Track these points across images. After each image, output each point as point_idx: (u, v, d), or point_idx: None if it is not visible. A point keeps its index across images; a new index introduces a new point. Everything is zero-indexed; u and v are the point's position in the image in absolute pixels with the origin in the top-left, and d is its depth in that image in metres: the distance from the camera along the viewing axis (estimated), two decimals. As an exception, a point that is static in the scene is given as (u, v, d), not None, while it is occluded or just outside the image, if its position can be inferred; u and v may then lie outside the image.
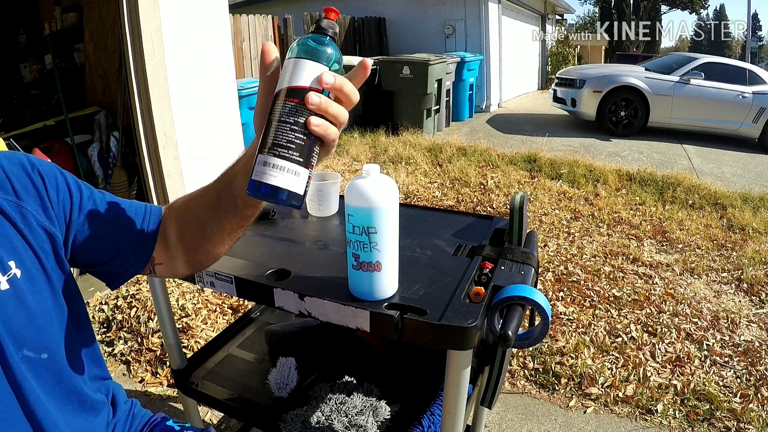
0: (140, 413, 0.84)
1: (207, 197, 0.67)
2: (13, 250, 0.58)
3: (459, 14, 8.55)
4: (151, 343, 2.01)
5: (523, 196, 0.94)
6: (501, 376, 0.93)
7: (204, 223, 0.68)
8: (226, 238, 0.69)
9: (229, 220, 0.66)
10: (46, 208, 0.62)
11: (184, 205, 0.71)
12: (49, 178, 0.64)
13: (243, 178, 0.60)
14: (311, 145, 0.55)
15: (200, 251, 0.71)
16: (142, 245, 0.70)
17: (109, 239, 0.68)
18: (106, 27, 3.21)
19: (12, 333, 0.56)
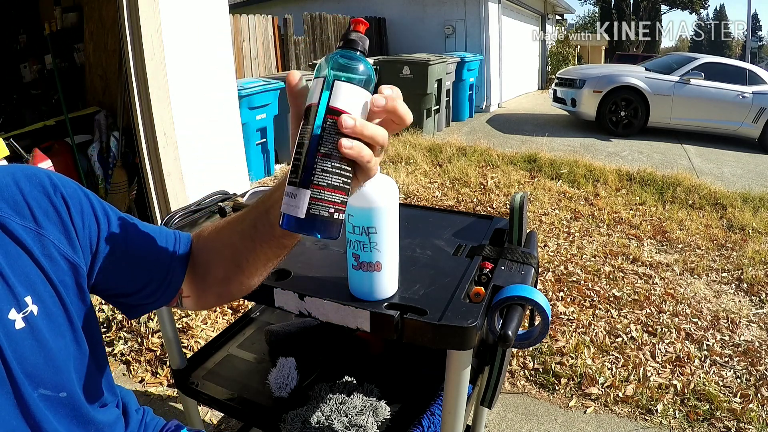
0: (153, 422, 0.82)
1: (241, 225, 0.63)
2: (30, 285, 0.54)
3: (459, 14, 8.55)
4: (151, 343, 2.01)
5: (523, 196, 0.94)
6: (501, 376, 0.93)
7: (238, 252, 0.64)
8: (261, 269, 0.65)
9: (265, 250, 0.63)
10: (70, 236, 0.58)
11: (215, 234, 0.67)
12: (73, 202, 0.59)
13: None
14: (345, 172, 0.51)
15: (233, 282, 0.67)
16: (172, 277, 0.66)
17: (138, 271, 0.64)
18: (106, 27, 3.21)
19: (28, 373, 0.53)
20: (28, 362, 0.53)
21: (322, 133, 0.50)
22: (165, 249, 0.66)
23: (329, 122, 0.49)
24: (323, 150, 0.50)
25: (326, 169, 0.50)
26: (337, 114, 0.49)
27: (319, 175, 0.50)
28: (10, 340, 0.51)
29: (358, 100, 0.51)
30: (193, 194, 2.69)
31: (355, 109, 0.50)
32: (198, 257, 0.68)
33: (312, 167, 0.50)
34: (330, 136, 0.50)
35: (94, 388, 0.64)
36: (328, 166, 0.50)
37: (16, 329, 0.52)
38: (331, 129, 0.50)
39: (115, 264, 0.62)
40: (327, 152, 0.50)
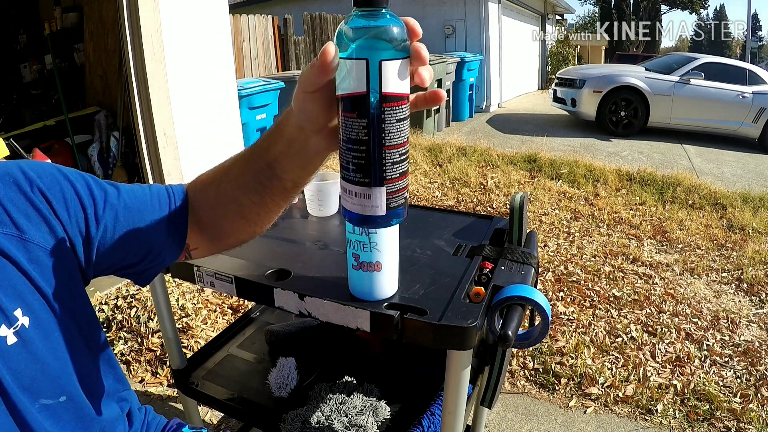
0: (155, 421, 0.82)
1: (242, 179, 0.61)
2: (18, 297, 0.51)
3: (459, 14, 8.55)
4: (151, 343, 2.01)
5: (523, 196, 0.94)
6: (501, 376, 0.93)
7: (245, 207, 0.62)
8: (272, 216, 0.64)
9: (276, 201, 0.61)
10: (56, 233, 0.55)
11: (215, 189, 0.64)
12: (53, 194, 0.55)
13: (289, 162, 0.56)
14: (406, 153, 0.48)
15: (243, 233, 0.66)
16: (174, 236, 0.64)
17: (137, 242, 0.62)
18: (106, 27, 3.21)
19: (26, 387, 0.52)
20: (24, 376, 0.51)
21: (383, 125, 0.45)
22: (161, 211, 0.63)
23: (387, 111, 0.45)
24: (389, 143, 0.46)
25: (395, 161, 0.47)
26: (394, 100, 0.45)
27: (391, 169, 0.47)
28: (2, 357, 0.49)
29: (406, 71, 0.45)
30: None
31: (406, 84, 0.46)
32: (201, 213, 0.65)
33: (381, 164, 0.46)
34: (392, 125, 0.46)
35: (96, 385, 0.63)
36: (396, 157, 0.47)
37: (8, 345, 0.50)
38: (391, 118, 0.45)
39: (112, 241, 0.60)
40: (393, 143, 0.46)
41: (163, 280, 1.10)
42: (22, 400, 0.51)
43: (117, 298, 2.30)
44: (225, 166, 0.63)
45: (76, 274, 0.58)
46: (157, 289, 1.11)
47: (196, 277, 0.92)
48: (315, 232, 1.10)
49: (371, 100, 0.44)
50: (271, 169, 0.58)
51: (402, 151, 0.47)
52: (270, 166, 0.58)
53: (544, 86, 13.21)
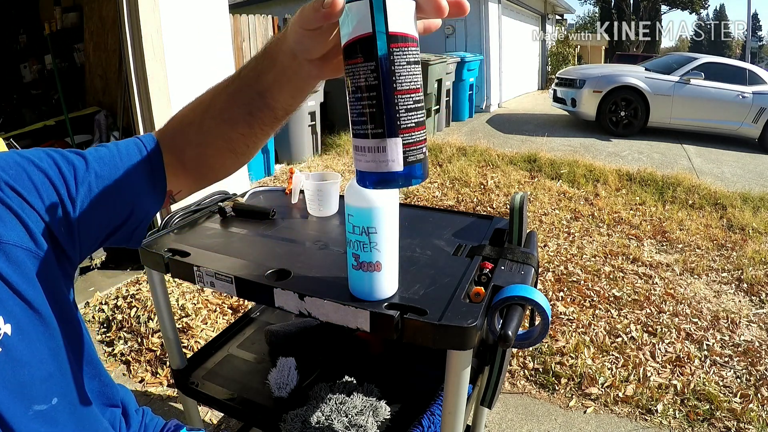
0: (153, 422, 0.82)
1: (229, 113, 0.59)
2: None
3: (459, 14, 8.54)
4: (151, 343, 2.01)
5: (523, 196, 0.94)
6: (501, 376, 0.93)
7: (234, 141, 0.61)
8: (261, 144, 0.63)
9: (266, 130, 0.60)
10: (31, 228, 0.53)
11: (197, 127, 0.62)
12: (22, 184, 0.53)
13: (281, 90, 0.55)
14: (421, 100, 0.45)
15: (231, 166, 0.66)
16: (154, 187, 0.63)
17: (117, 205, 0.60)
18: (106, 27, 3.21)
19: (16, 395, 0.50)
20: (13, 383, 0.50)
21: (393, 67, 0.43)
22: (136, 167, 0.61)
23: (396, 52, 0.43)
24: (401, 86, 0.43)
25: (410, 107, 0.44)
26: (402, 40, 0.43)
27: (405, 116, 0.44)
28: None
29: (411, 12, 0.44)
30: (193, 194, 2.69)
31: (413, 25, 0.44)
32: (185, 155, 0.64)
33: (395, 110, 0.43)
34: (402, 68, 0.43)
35: (85, 387, 0.62)
36: (410, 103, 0.44)
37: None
38: (401, 59, 0.43)
39: (91, 214, 0.58)
40: (405, 87, 0.43)
41: (163, 280, 1.10)
42: (13, 411, 0.49)
43: (117, 298, 2.30)
44: (203, 102, 0.61)
45: (57, 271, 0.57)
46: (157, 289, 1.11)
47: (196, 277, 0.92)
48: (315, 232, 1.10)
49: (377, 40, 0.42)
50: (262, 99, 0.57)
51: (416, 97, 0.44)
52: (261, 95, 0.57)
53: (544, 86, 13.21)
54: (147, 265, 1.02)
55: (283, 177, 4.48)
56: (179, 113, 0.64)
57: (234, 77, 0.58)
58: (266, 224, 1.13)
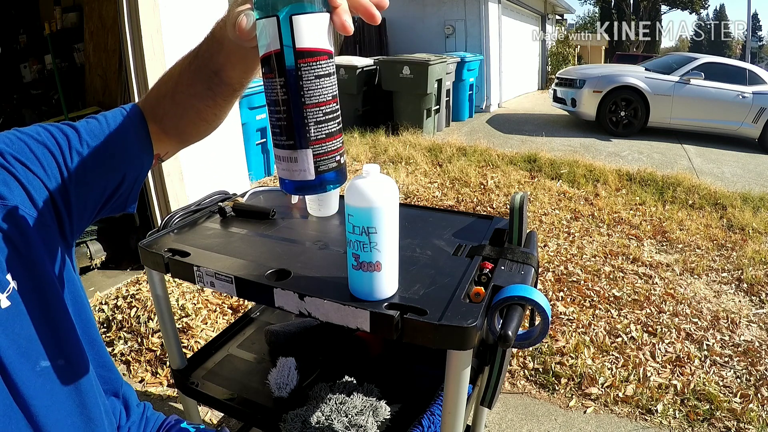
0: (153, 417, 0.83)
1: (194, 89, 0.64)
2: (7, 262, 0.54)
3: (459, 14, 8.56)
4: (151, 343, 2.01)
5: (523, 196, 0.94)
6: (501, 376, 0.93)
7: (201, 111, 0.67)
8: (227, 110, 0.70)
9: (228, 100, 0.66)
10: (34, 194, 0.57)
11: (170, 100, 0.67)
12: (25, 156, 0.58)
13: (232, 69, 0.60)
14: (335, 112, 0.46)
15: (204, 130, 0.72)
16: (143, 150, 0.68)
17: (110, 170, 0.65)
18: (106, 27, 3.21)
19: (23, 351, 0.54)
20: (21, 338, 0.53)
21: (300, 81, 0.44)
22: (125, 134, 0.66)
23: (304, 67, 0.44)
24: (309, 101, 0.44)
25: (319, 120, 0.45)
26: (309, 55, 0.43)
27: (315, 129, 0.45)
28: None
29: (322, 25, 0.44)
30: (193, 194, 2.69)
31: (324, 39, 0.44)
32: (165, 122, 0.69)
33: (304, 123, 0.45)
34: (310, 82, 0.44)
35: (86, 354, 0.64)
36: (320, 116, 0.45)
37: (2, 309, 0.52)
38: (309, 74, 0.44)
39: (85, 180, 0.62)
40: (314, 101, 0.44)
41: (163, 280, 1.10)
42: (19, 366, 0.52)
43: (117, 298, 2.30)
44: (173, 77, 0.66)
45: (57, 238, 0.60)
46: (157, 289, 1.11)
47: (196, 277, 0.92)
48: (315, 232, 1.10)
49: (285, 56, 0.43)
50: (218, 77, 0.61)
51: (326, 110, 0.45)
52: (217, 74, 0.61)
53: (544, 86, 13.21)
54: (147, 265, 1.02)
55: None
56: (155, 85, 0.69)
57: (193, 55, 0.63)
58: (266, 224, 1.13)
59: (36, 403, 0.54)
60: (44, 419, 0.55)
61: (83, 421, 0.62)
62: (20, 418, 0.53)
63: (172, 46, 2.60)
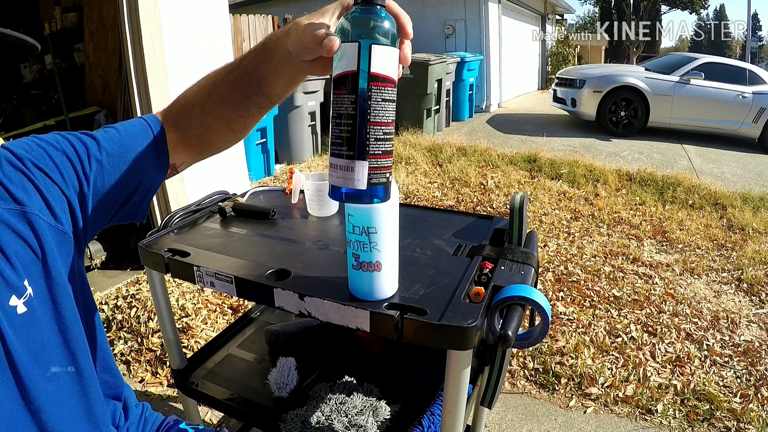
0: (152, 417, 0.83)
1: (229, 98, 0.67)
2: (24, 268, 0.55)
3: (459, 14, 8.55)
4: (151, 343, 2.01)
5: (523, 196, 0.94)
6: (501, 376, 0.93)
7: (233, 122, 0.69)
8: (255, 123, 0.72)
9: (261, 112, 0.69)
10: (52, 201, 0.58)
11: (200, 109, 0.69)
12: (45, 163, 0.59)
13: (276, 80, 0.63)
14: (391, 134, 0.52)
15: (229, 141, 0.74)
16: (160, 161, 0.70)
17: (126, 179, 0.66)
18: (106, 27, 3.21)
19: (36, 356, 0.54)
20: (35, 343, 0.54)
21: (369, 102, 0.50)
22: (143, 144, 0.68)
23: (374, 89, 0.50)
24: (374, 119, 0.50)
25: (379, 137, 0.50)
26: (380, 81, 0.50)
27: (374, 145, 0.50)
28: (14, 327, 0.52)
29: (393, 58, 0.51)
30: (193, 194, 2.69)
31: (393, 69, 0.51)
32: (189, 132, 0.71)
33: (365, 138, 0.50)
34: (377, 103, 0.50)
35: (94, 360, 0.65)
36: (380, 134, 0.50)
37: (18, 315, 0.53)
38: (378, 96, 0.50)
39: (103, 188, 0.64)
40: (377, 120, 0.50)
41: (163, 280, 1.10)
42: (32, 371, 0.53)
43: (117, 298, 2.30)
44: (205, 87, 0.68)
45: (72, 246, 0.62)
46: (157, 289, 1.11)
47: (196, 277, 0.92)
48: (315, 232, 1.10)
49: (360, 77, 0.50)
50: (259, 87, 0.65)
51: (386, 129, 0.51)
52: (259, 84, 0.64)
53: (544, 86, 13.20)
54: (147, 265, 1.02)
55: (283, 177, 4.48)
56: (183, 96, 0.71)
57: (235, 66, 0.66)
58: (266, 224, 1.13)
59: (45, 408, 0.55)
60: (53, 425, 0.55)
61: (89, 424, 0.62)
62: (29, 423, 0.53)
63: (172, 46, 2.60)
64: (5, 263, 0.53)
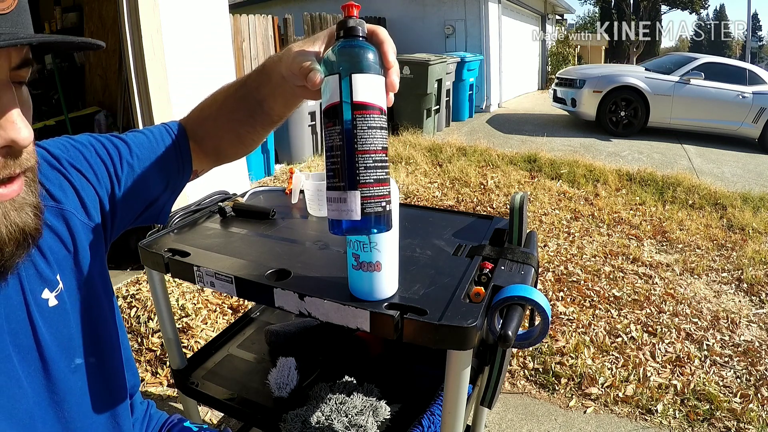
0: (156, 414, 0.84)
1: (237, 114, 0.70)
2: (56, 262, 0.57)
3: (459, 14, 8.55)
4: (151, 343, 2.01)
5: (523, 196, 0.94)
6: (501, 376, 0.93)
7: (242, 136, 0.73)
8: (263, 137, 0.75)
9: (266, 128, 0.73)
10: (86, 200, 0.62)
11: (213, 122, 0.73)
12: (80, 163, 0.63)
13: (275, 101, 0.66)
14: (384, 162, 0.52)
15: (240, 152, 0.78)
16: (184, 166, 0.74)
17: (154, 181, 0.70)
18: (106, 27, 3.21)
19: (64, 347, 0.56)
20: (63, 335, 0.56)
21: (355, 130, 0.50)
22: (168, 150, 0.72)
23: (359, 117, 0.50)
24: (361, 147, 0.50)
25: (369, 165, 0.50)
26: (363, 108, 0.50)
27: (364, 173, 0.50)
28: (45, 319, 0.54)
29: (376, 85, 0.51)
30: (193, 194, 2.69)
31: (378, 97, 0.51)
32: (205, 142, 0.75)
33: (354, 167, 0.50)
34: (363, 131, 0.50)
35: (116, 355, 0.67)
36: (370, 162, 0.50)
37: (50, 307, 0.55)
38: (363, 124, 0.50)
39: (133, 188, 0.67)
40: (365, 148, 0.50)
41: (163, 280, 1.10)
42: (58, 361, 0.55)
43: (117, 298, 2.30)
44: (217, 101, 0.72)
45: (102, 245, 0.65)
46: (157, 289, 1.11)
47: (196, 277, 0.92)
48: (315, 232, 1.10)
49: (344, 107, 0.50)
50: (260, 106, 0.68)
51: (376, 157, 0.51)
52: (260, 103, 0.67)
53: (544, 86, 13.20)
54: (147, 265, 1.02)
55: (283, 177, 4.48)
56: (198, 107, 0.75)
57: (241, 83, 0.69)
58: (266, 224, 1.13)
59: (69, 399, 0.57)
60: (74, 416, 0.57)
61: (109, 418, 0.64)
62: (51, 414, 0.55)
63: (172, 46, 2.60)
64: (40, 257, 0.55)
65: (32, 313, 0.53)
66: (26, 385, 0.52)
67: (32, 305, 0.53)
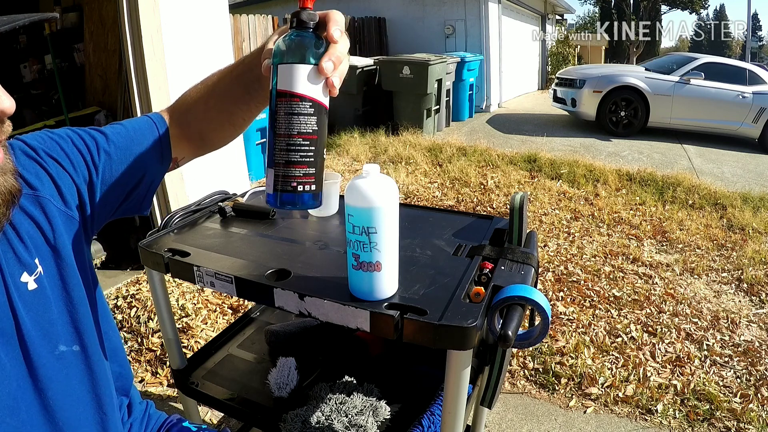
0: (156, 414, 0.85)
1: (232, 92, 0.71)
2: (35, 247, 0.58)
3: (459, 14, 8.55)
4: (151, 343, 2.01)
5: (523, 196, 0.94)
6: (501, 376, 0.93)
7: (235, 115, 0.74)
8: (254, 117, 0.76)
9: (259, 106, 0.73)
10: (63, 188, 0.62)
11: (203, 104, 0.74)
12: (57, 153, 0.64)
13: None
14: (303, 146, 0.56)
15: (228, 136, 0.79)
16: (163, 154, 0.74)
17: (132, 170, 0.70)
18: (106, 27, 3.21)
19: (45, 332, 0.57)
20: (43, 320, 0.57)
21: (276, 115, 0.55)
22: (149, 139, 0.73)
23: (279, 104, 0.55)
24: (278, 131, 0.55)
25: (282, 148, 0.55)
26: (284, 96, 0.54)
27: (278, 155, 0.55)
28: (24, 302, 0.55)
29: (300, 75, 0.55)
30: (193, 194, 2.69)
31: (302, 85, 0.54)
32: (191, 127, 0.76)
33: (272, 148, 0.55)
34: (282, 117, 0.55)
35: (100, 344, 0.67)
36: (283, 145, 0.55)
37: (29, 291, 0.56)
38: (282, 111, 0.55)
39: (111, 178, 0.68)
40: (282, 132, 0.55)
41: (163, 280, 1.10)
42: (39, 348, 0.56)
43: (117, 298, 2.30)
44: (209, 84, 0.74)
45: (81, 233, 0.65)
46: (157, 289, 1.11)
47: (196, 277, 0.92)
48: (315, 232, 1.10)
49: (271, 95, 0.56)
50: (258, 82, 0.69)
51: (290, 141, 0.55)
52: (258, 79, 0.68)
53: (544, 86, 13.20)
54: (147, 265, 1.02)
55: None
56: (186, 94, 0.76)
57: (238, 63, 0.71)
58: (266, 224, 1.13)
59: (52, 386, 0.57)
60: (58, 403, 0.57)
61: (95, 409, 0.64)
62: (34, 399, 0.55)
63: (172, 46, 2.60)
64: (18, 242, 0.57)
65: (12, 295, 0.54)
66: (9, 368, 0.52)
67: (11, 287, 0.54)
